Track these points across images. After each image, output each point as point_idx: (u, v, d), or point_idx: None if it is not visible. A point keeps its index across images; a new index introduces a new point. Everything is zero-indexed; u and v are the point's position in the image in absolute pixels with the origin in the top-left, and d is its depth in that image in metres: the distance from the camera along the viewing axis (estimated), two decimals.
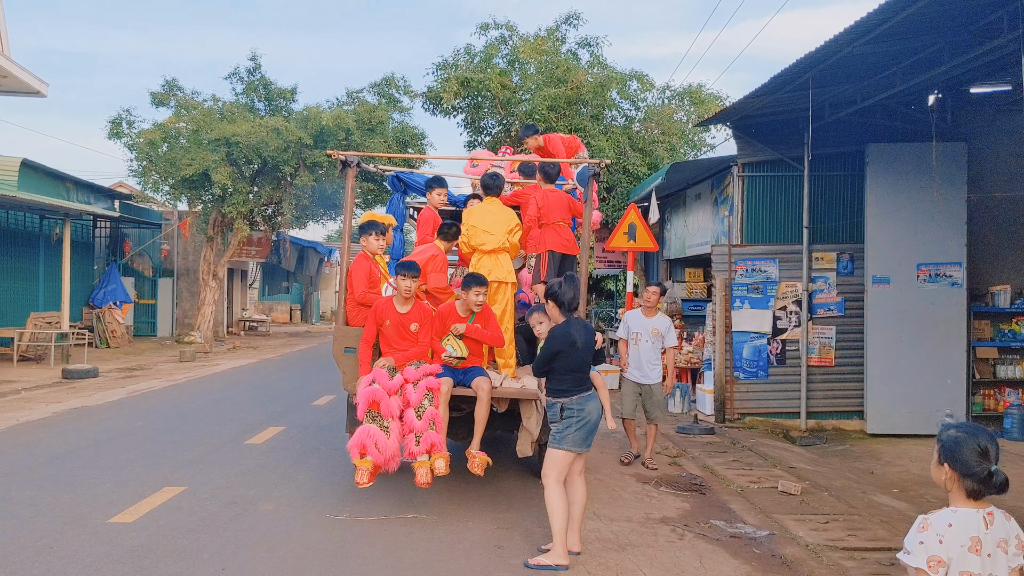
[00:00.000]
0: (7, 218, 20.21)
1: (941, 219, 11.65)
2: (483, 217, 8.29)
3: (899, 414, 11.72)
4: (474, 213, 8.39)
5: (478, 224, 8.24)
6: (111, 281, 24.39)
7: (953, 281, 11.70)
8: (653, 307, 9.80)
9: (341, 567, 5.92)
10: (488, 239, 8.15)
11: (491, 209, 8.37)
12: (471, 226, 8.27)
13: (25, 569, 5.68)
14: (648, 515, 7.52)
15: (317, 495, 7.86)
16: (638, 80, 20.20)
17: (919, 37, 8.64)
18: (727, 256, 12.49)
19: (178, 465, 9.01)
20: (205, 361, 21.68)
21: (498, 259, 8.16)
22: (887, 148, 11.81)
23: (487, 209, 8.38)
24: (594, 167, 8.70)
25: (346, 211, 8.66)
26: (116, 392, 14.87)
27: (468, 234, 8.27)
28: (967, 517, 3.00)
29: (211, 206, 25.88)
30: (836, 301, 12.31)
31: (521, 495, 8.10)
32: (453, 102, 19.69)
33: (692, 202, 15.60)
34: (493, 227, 8.18)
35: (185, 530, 6.64)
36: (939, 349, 11.65)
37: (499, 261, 8.16)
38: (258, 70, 26.00)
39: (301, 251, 41.91)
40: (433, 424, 7.04)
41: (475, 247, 8.21)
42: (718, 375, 12.48)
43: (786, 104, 11.18)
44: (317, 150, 23.53)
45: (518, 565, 6.04)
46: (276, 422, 11.84)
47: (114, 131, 24.52)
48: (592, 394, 6.26)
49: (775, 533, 7.10)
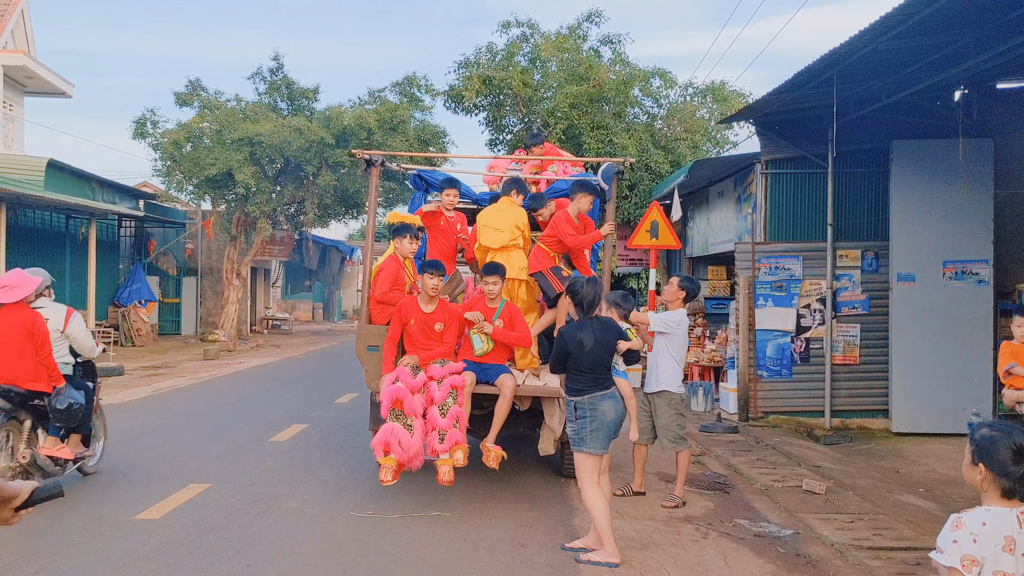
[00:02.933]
0: (34, 218, 20.44)
1: (967, 216, 11.51)
2: (493, 216, 8.40)
3: (925, 413, 11.60)
4: (486, 213, 8.52)
5: (488, 223, 8.34)
6: (136, 280, 24.59)
7: (979, 279, 11.56)
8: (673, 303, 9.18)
9: (365, 564, 5.94)
10: (497, 236, 8.20)
11: (501, 208, 8.47)
12: (482, 225, 8.38)
13: (53, 564, 5.74)
14: (672, 514, 7.49)
15: (341, 492, 7.90)
16: (660, 77, 20.12)
17: (945, 32, 8.55)
18: (750, 254, 12.41)
19: (203, 462, 9.08)
20: (229, 359, 21.83)
21: (509, 256, 8.18)
22: (912, 145, 11.69)
23: (498, 208, 8.51)
24: (618, 165, 8.72)
25: (369, 210, 8.70)
26: (142, 390, 15.00)
27: (479, 233, 8.35)
28: (1001, 516, 2.96)
29: (234, 205, 26.06)
30: (861, 299, 12.21)
31: (544, 493, 8.09)
32: (475, 100, 19.71)
33: (715, 200, 15.53)
34: (502, 224, 8.24)
35: (210, 527, 6.69)
36: (965, 347, 11.52)
37: (510, 259, 8.17)
38: (281, 70, 26.15)
39: (323, 250, 42.16)
40: (457, 422, 7.07)
41: (487, 246, 8.27)
42: (741, 373, 12.41)
43: (810, 101, 11.10)
44: (339, 149, 23.64)
45: (541, 563, 6.04)
46: (300, 420, 11.90)
47: (139, 131, 24.74)
48: (608, 394, 6.23)
49: (800, 532, 7.05)
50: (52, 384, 7.37)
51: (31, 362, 7.21)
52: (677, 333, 7.83)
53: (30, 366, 7.21)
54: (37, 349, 7.23)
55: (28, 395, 7.31)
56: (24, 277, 7.48)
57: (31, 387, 7.26)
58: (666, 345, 7.81)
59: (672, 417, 7.83)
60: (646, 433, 7.94)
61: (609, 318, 6.76)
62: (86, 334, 7.99)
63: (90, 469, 8.29)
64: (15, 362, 7.15)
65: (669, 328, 7.77)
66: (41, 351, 7.26)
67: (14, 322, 7.18)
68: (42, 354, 7.27)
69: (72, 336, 7.83)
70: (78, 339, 7.88)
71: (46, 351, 7.30)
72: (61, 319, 7.76)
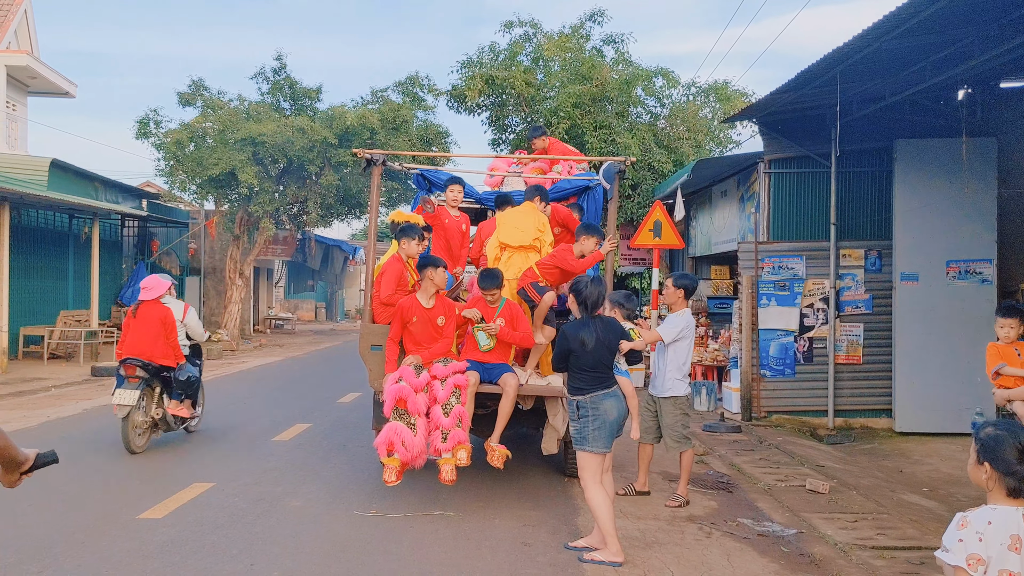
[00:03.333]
0: (37, 217, 20.45)
1: (971, 215, 11.49)
2: (516, 216, 8.45)
3: (928, 412, 11.58)
4: (508, 213, 8.58)
5: (509, 221, 8.38)
6: (139, 279, 24.57)
7: (983, 278, 11.55)
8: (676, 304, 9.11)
9: (368, 563, 5.94)
10: (518, 235, 8.23)
11: (524, 211, 8.51)
12: (503, 223, 8.42)
13: (58, 563, 5.75)
14: (675, 513, 7.49)
15: (344, 491, 7.90)
16: (663, 77, 20.10)
17: (948, 31, 8.54)
18: (753, 253, 12.41)
19: (207, 461, 9.09)
20: (232, 359, 21.85)
21: (526, 256, 8.19)
22: (916, 144, 11.68)
23: (521, 210, 8.55)
24: (620, 164, 8.73)
25: (372, 209, 8.71)
26: None
27: (500, 230, 8.38)
28: (1007, 515, 2.96)
29: (237, 205, 26.07)
30: (864, 298, 12.20)
31: (547, 493, 8.09)
32: (477, 100, 19.70)
33: (718, 199, 15.52)
34: (524, 225, 8.27)
35: (214, 526, 6.69)
36: (968, 347, 11.48)
37: (527, 259, 8.17)
38: (283, 70, 26.12)
39: (326, 250, 42.15)
40: (460, 422, 7.08)
41: (505, 243, 8.28)
42: (744, 373, 12.41)
43: (813, 100, 11.08)
44: (342, 149, 23.63)
45: (545, 562, 6.05)
46: (303, 419, 11.91)
47: (142, 131, 24.74)
48: (610, 393, 6.24)
49: (803, 532, 7.05)
50: (176, 361, 9.69)
51: (163, 344, 9.48)
52: (688, 336, 7.81)
53: (162, 347, 9.47)
54: (167, 335, 9.53)
55: (159, 369, 9.54)
56: (158, 281, 9.80)
57: (162, 363, 9.51)
58: (674, 349, 7.78)
59: (677, 417, 7.83)
60: (651, 433, 7.95)
61: (612, 318, 6.77)
62: (198, 323, 10.33)
63: (193, 428, 10.61)
64: (151, 344, 9.40)
65: (681, 334, 7.75)
66: (170, 336, 9.56)
67: (152, 314, 9.51)
68: (171, 338, 9.58)
69: (188, 324, 10.13)
70: (192, 326, 10.21)
71: (173, 336, 9.61)
72: (180, 311, 10.02)
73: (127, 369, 9.31)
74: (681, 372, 7.81)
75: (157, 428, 9.76)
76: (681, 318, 7.79)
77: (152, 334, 9.41)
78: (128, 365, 9.31)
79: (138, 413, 9.38)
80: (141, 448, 9.38)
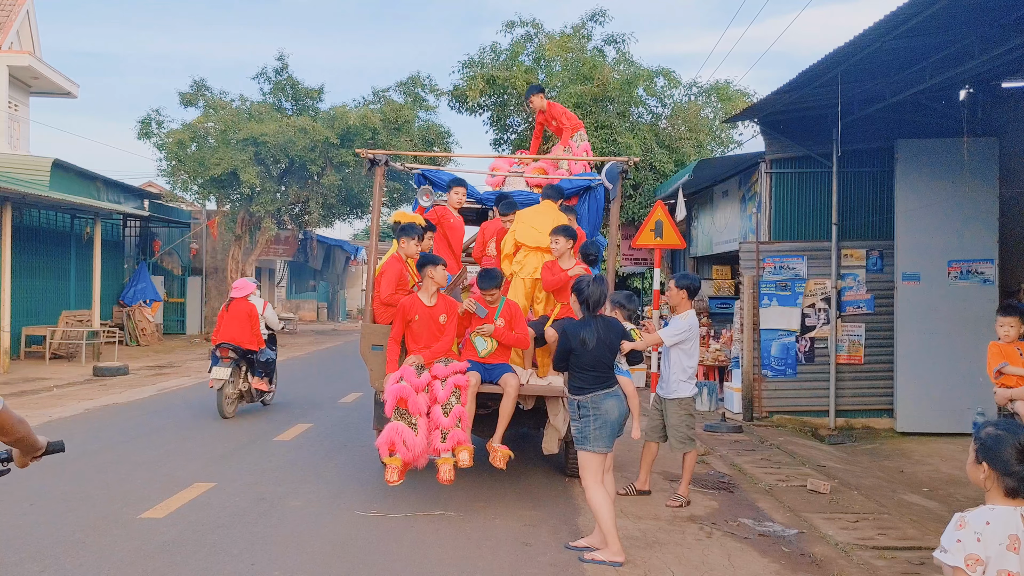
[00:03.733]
0: (39, 217, 20.47)
1: (972, 215, 11.49)
2: (534, 216, 8.39)
3: (929, 412, 11.58)
4: (528, 212, 8.51)
5: (528, 221, 8.33)
6: (141, 279, 24.61)
7: (985, 278, 11.54)
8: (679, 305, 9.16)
9: (369, 563, 5.95)
10: (536, 235, 8.17)
11: (542, 211, 8.46)
12: (521, 223, 8.36)
13: (59, 563, 5.76)
14: (676, 513, 7.49)
15: (345, 491, 7.91)
16: (665, 77, 20.10)
17: (949, 31, 8.54)
18: (755, 253, 12.41)
19: (208, 461, 9.10)
20: None
21: (543, 257, 8.16)
22: (917, 144, 11.67)
23: (540, 210, 8.49)
24: (622, 164, 8.71)
25: (374, 210, 8.72)
26: (146, 389, 15.03)
27: (517, 230, 8.33)
28: (1005, 515, 2.96)
29: (239, 205, 26.11)
30: (865, 298, 12.19)
31: (547, 493, 8.10)
32: (479, 100, 19.71)
33: (719, 199, 15.51)
34: (542, 225, 8.19)
35: (215, 526, 6.70)
36: (970, 347, 11.45)
37: (544, 258, 8.15)
38: (285, 70, 26.18)
39: (328, 250, 42.22)
40: (459, 421, 7.08)
41: (522, 242, 8.25)
42: (746, 373, 12.40)
43: (814, 100, 11.08)
44: (344, 149, 23.67)
45: (545, 562, 6.05)
46: (304, 419, 11.92)
47: (143, 131, 24.79)
48: (611, 393, 6.24)
49: (804, 532, 7.05)
50: (258, 346, 12.09)
51: (249, 332, 11.90)
52: (691, 338, 7.79)
53: (248, 334, 11.88)
54: (252, 325, 11.97)
55: (245, 352, 11.87)
56: (246, 283, 12.40)
57: (248, 347, 11.87)
58: (677, 351, 7.79)
59: (682, 418, 7.84)
60: (656, 432, 7.98)
61: (613, 317, 6.77)
62: (274, 316, 12.82)
63: (269, 401, 12.93)
64: (240, 332, 11.79)
65: (685, 336, 7.74)
66: (255, 326, 12.03)
67: (242, 309, 11.94)
68: (255, 328, 12.03)
69: (266, 317, 12.50)
70: (269, 319, 12.59)
71: (257, 326, 12.09)
72: (261, 307, 12.39)
73: (221, 352, 11.59)
74: (686, 374, 7.83)
75: (243, 399, 12.09)
76: (684, 321, 7.79)
77: (240, 324, 11.82)
78: (222, 348, 11.61)
79: (229, 386, 11.70)
80: (231, 414, 11.72)
